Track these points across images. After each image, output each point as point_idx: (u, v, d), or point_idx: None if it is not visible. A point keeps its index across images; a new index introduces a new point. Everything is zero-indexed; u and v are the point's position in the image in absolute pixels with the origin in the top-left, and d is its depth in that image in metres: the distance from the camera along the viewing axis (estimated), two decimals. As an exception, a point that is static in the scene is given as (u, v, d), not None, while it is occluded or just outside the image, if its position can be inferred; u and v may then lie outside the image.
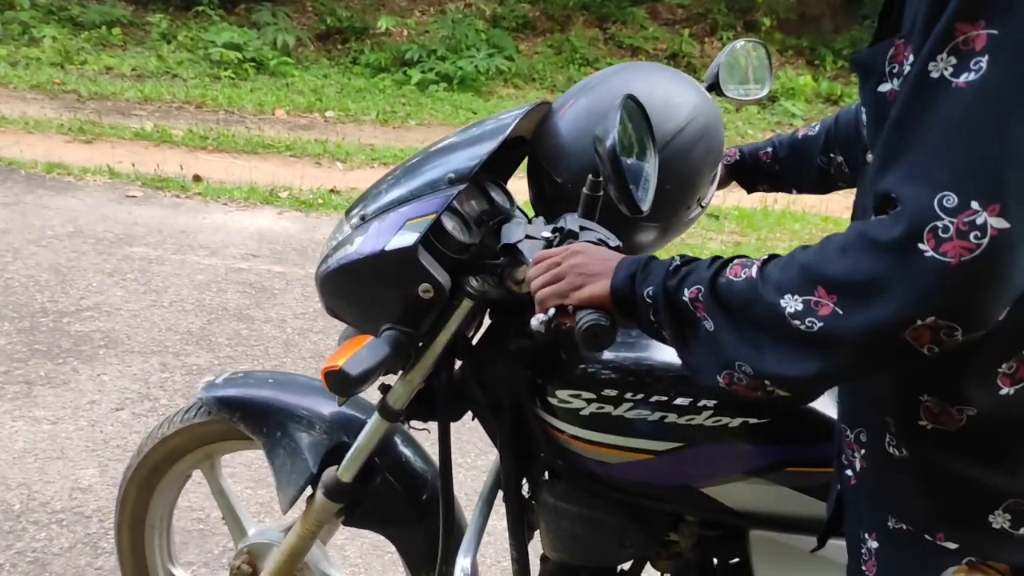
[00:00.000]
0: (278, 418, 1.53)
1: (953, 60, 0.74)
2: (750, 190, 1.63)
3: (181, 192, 5.10)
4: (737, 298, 0.87)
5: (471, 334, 1.35)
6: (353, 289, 1.28)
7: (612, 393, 1.20)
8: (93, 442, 2.70)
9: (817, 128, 1.50)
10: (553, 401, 1.24)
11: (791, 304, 0.82)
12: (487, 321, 1.38)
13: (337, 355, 1.13)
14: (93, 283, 3.79)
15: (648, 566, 1.42)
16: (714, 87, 1.53)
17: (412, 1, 10.47)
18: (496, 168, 1.37)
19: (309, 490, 1.49)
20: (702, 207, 1.39)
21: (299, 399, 1.55)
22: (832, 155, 1.46)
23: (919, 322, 0.75)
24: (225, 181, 5.39)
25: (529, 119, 1.33)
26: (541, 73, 8.87)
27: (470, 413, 1.41)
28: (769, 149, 1.55)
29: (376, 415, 1.37)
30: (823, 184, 1.52)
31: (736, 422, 1.17)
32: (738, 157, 1.58)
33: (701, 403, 1.17)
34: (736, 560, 1.33)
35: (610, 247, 1.09)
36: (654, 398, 1.19)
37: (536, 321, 1.03)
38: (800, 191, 1.57)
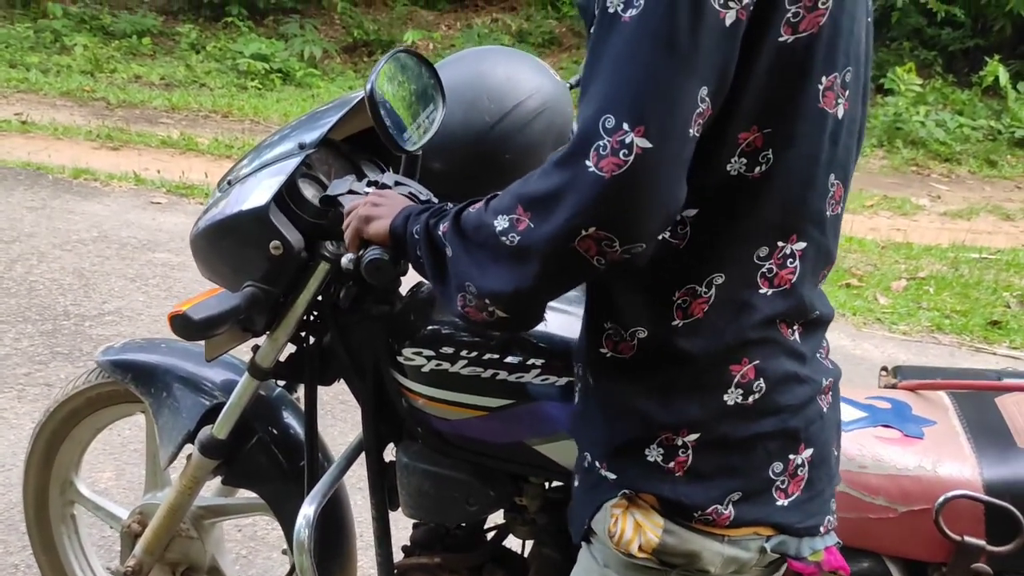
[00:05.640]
0: (164, 379, 1.61)
1: None
2: None
3: (205, 199, 5.12)
4: (470, 224, 0.96)
5: (344, 301, 1.39)
6: (218, 249, 1.37)
7: (449, 351, 1.26)
8: (111, 445, 2.71)
9: None
10: (401, 359, 1.31)
11: (501, 223, 0.91)
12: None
13: (187, 302, 1.21)
14: (115, 288, 3.82)
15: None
16: None
17: (439, 15, 10.54)
18: (380, 150, 1.47)
19: (190, 448, 1.55)
20: None
21: (186, 363, 1.63)
22: None
23: (584, 232, 0.83)
24: (249, 189, 5.42)
25: None
26: (565, 88, 8.90)
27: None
28: None
29: (246, 374, 1.45)
30: None
31: (563, 381, 1.24)
32: None
33: (530, 362, 1.24)
34: None
35: (419, 200, 1.19)
36: (487, 356, 1.25)
37: (345, 259, 1.16)
38: None
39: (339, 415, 2.80)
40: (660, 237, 0.90)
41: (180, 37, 9.20)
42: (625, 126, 0.80)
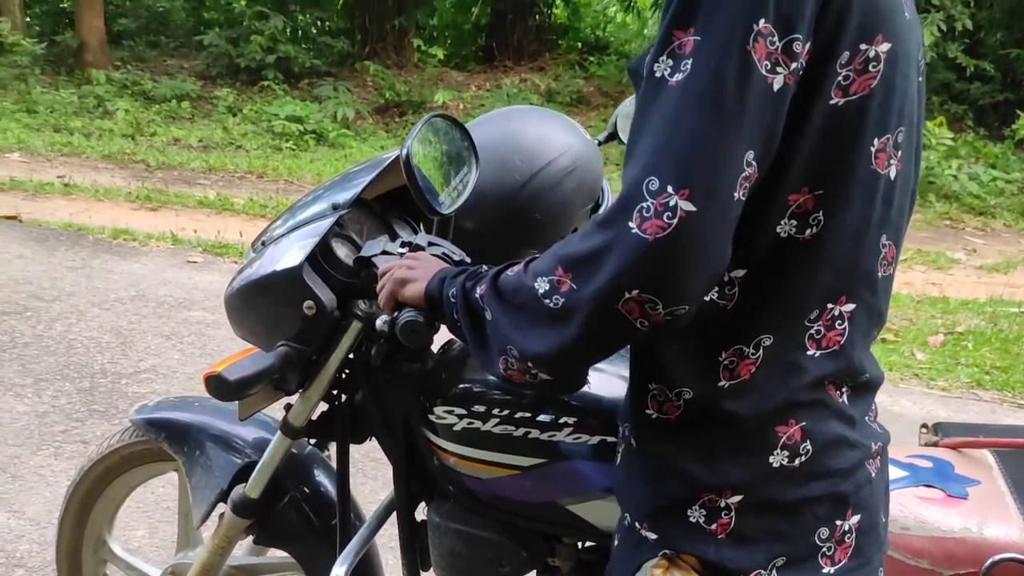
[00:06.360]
0: (198, 438, 1.62)
1: (670, 62, 0.82)
2: None
3: (239, 258, 5.22)
4: (508, 287, 0.96)
5: (375, 359, 1.40)
6: (252, 309, 1.37)
7: (481, 409, 1.26)
8: (144, 503, 2.71)
9: None
10: (432, 418, 1.30)
11: (541, 285, 0.90)
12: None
13: (222, 362, 1.21)
14: (152, 346, 3.87)
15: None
16: (613, 136, 1.70)
17: (469, 76, 10.77)
18: (411, 209, 1.48)
19: (223, 507, 1.54)
20: None
21: (219, 421, 1.64)
22: None
23: (627, 294, 0.83)
24: (283, 248, 5.51)
25: None
26: (594, 146, 8.98)
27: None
28: None
29: (279, 432, 1.45)
30: None
31: (595, 440, 1.22)
32: None
33: (562, 420, 1.22)
34: None
35: (452, 260, 1.20)
36: (519, 414, 1.24)
37: (380, 321, 1.17)
38: None
39: (370, 472, 2.79)
40: (708, 297, 0.90)
41: (218, 101, 9.48)
42: (669, 188, 0.80)
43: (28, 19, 11.05)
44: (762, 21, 0.80)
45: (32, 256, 4.90)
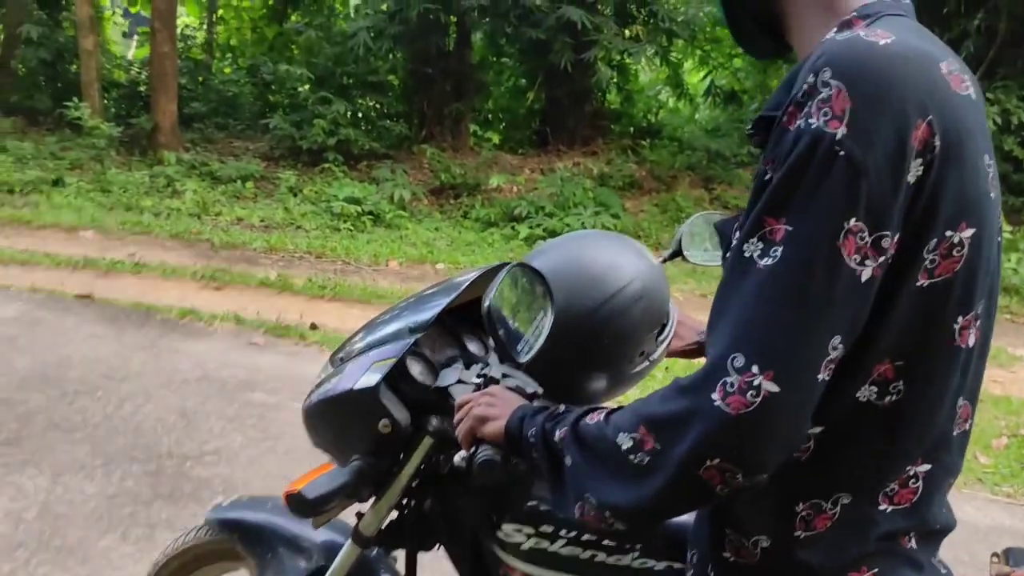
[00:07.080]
0: (270, 540, 1.67)
1: (760, 245, 0.87)
2: None
3: (300, 340, 5.35)
4: (589, 436, 1.00)
5: (444, 467, 1.43)
6: (328, 422, 1.44)
7: (548, 529, 1.28)
8: (206, 591, 2.77)
9: None
10: (500, 535, 1.32)
11: (624, 441, 0.94)
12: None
13: (301, 479, 1.26)
14: (215, 428, 3.97)
15: None
16: (677, 253, 1.72)
17: (523, 159, 11.00)
18: (478, 321, 1.53)
19: None
20: (650, 361, 1.51)
21: (291, 523, 1.69)
22: None
23: (709, 462, 0.87)
24: (340, 329, 5.62)
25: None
26: (647, 231, 9.07)
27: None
28: None
29: (349, 540, 1.48)
30: None
31: (661, 566, 1.24)
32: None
33: (628, 544, 1.24)
34: None
35: (527, 393, 1.24)
36: (585, 536, 1.26)
37: (458, 457, 1.22)
38: None
39: (427, 565, 2.80)
40: None
41: (280, 181, 9.80)
42: (754, 368, 0.83)
43: (105, 102, 11.62)
44: (853, 220, 0.83)
45: (103, 335, 5.08)
